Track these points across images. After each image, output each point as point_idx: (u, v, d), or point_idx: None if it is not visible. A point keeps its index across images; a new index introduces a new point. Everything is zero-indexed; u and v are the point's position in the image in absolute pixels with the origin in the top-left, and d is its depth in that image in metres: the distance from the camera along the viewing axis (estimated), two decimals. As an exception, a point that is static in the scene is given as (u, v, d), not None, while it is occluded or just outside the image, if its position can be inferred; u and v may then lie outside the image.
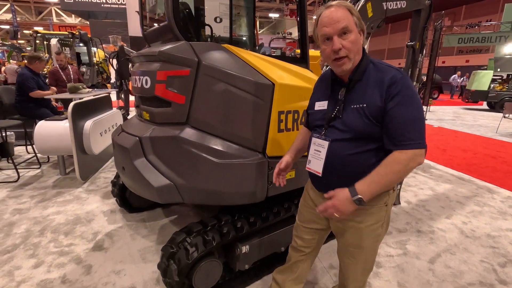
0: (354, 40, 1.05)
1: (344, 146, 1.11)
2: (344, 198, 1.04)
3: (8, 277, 1.88)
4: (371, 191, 1.03)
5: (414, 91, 1.04)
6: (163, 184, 1.66)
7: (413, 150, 1.01)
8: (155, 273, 1.94)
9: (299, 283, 1.51)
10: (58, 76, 4.90)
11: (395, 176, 1.03)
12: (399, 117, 1.01)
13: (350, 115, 1.09)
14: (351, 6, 1.06)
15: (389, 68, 1.08)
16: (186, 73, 1.63)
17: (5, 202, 2.90)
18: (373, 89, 1.06)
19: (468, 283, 1.94)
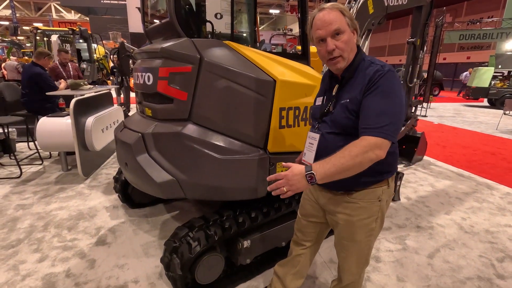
0: (346, 40, 1.09)
1: (332, 139, 1.16)
2: (298, 171, 1.01)
3: (13, 271, 1.91)
4: (325, 171, 0.99)
5: (396, 86, 1.04)
6: (165, 180, 1.67)
7: (374, 138, 0.98)
8: (158, 267, 1.97)
9: (300, 278, 1.53)
10: (58, 72, 4.92)
11: (352, 160, 0.98)
12: (370, 106, 1.03)
13: (338, 110, 1.14)
14: (343, 8, 1.09)
15: (377, 64, 1.09)
16: (188, 70, 1.65)
17: (8, 198, 2.93)
18: (359, 84, 1.09)
19: (466, 278, 1.96)
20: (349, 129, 1.10)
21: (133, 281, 1.85)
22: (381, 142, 0.99)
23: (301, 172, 1.01)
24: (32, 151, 4.36)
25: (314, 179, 0.99)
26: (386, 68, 1.07)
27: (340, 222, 1.23)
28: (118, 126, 2.16)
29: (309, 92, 1.90)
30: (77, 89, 3.89)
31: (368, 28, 3.17)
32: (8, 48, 16.32)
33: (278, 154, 1.83)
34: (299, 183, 1.01)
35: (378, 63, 1.11)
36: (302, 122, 1.91)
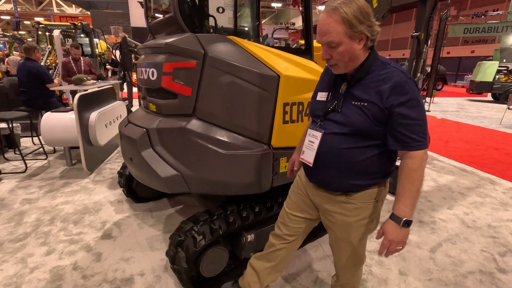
0: (342, 52, 1.03)
1: (337, 140, 1.11)
2: (394, 229, 1.05)
3: (21, 263, 1.95)
4: (411, 207, 1.04)
5: (419, 93, 1.05)
6: (170, 175, 1.69)
7: (422, 151, 1.04)
8: (163, 261, 2.00)
9: (277, 272, 1.49)
10: (69, 67, 4.95)
11: (419, 182, 1.05)
12: (407, 119, 1.01)
13: (350, 111, 1.08)
14: (346, 12, 0.97)
15: (395, 69, 1.06)
16: (192, 65, 1.65)
17: (14, 192, 2.97)
18: (376, 89, 1.04)
19: (468, 272, 1.98)
20: (362, 131, 1.07)
21: (139, 274, 1.88)
22: (426, 151, 1.05)
23: (396, 227, 1.05)
24: (36, 146, 4.40)
25: (409, 220, 1.04)
26: (409, 76, 1.05)
27: (337, 223, 1.23)
28: (122, 121, 2.17)
29: (313, 88, 1.89)
30: (80, 84, 3.90)
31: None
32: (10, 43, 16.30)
33: (281, 149, 1.84)
34: (403, 236, 1.06)
35: (394, 66, 1.07)
36: (306, 118, 1.92)
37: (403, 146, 1.04)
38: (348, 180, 1.13)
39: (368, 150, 1.10)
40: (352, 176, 1.13)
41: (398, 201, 1.06)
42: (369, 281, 1.88)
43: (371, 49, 1.09)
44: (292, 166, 1.51)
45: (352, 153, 1.10)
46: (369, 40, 1.05)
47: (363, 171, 1.12)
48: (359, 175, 1.13)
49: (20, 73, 4.11)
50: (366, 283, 1.85)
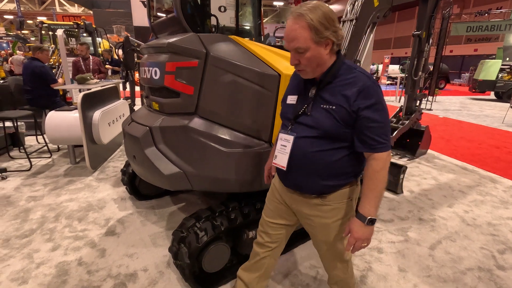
0: (310, 57, 1.05)
1: (308, 143, 1.13)
2: (359, 227, 1.10)
3: (28, 259, 2.00)
4: (375, 206, 1.10)
5: (382, 96, 1.08)
6: (173, 172, 1.73)
7: (385, 153, 1.09)
8: (166, 257, 2.04)
9: (266, 279, 1.51)
10: (78, 66, 5.01)
11: (383, 182, 1.10)
12: (372, 122, 1.05)
13: (320, 114, 1.11)
14: (312, 18, 0.99)
15: (361, 73, 1.09)
16: (194, 64, 1.68)
17: (20, 190, 3.02)
18: (344, 93, 1.06)
19: (466, 269, 2.00)
20: (331, 134, 1.10)
21: (143, 270, 1.92)
22: (389, 152, 1.10)
23: (361, 225, 1.10)
24: (40, 144, 4.45)
25: (373, 219, 1.09)
26: (373, 80, 1.08)
27: (316, 225, 1.25)
28: (125, 120, 2.20)
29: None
30: (84, 83, 3.94)
31: (373, 21, 3.15)
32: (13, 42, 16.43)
33: (282, 147, 1.86)
34: (367, 232, 1.11)
35: (362, 72, 1.10)
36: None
37: (368, 148, 1.08)
38: (321, 181, 1.16)
39: (338, 152, 1.13)
40: (324, 177, 1.16)
41: (363, 201, 1.11)
42: (369, 277, 1.90)
43: (338, 54, 1.12)
44: (268, 172, 1.51)
45: (322, 155, 1.13)
46: (335, 45, 1.08)
47: (334, 172, 1.15)
48: (331, 176, 1.16)
49: (25, 72, 4.16)
50: (365, 279, 1.88)
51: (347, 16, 3.05)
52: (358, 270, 1.96)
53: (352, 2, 3.07)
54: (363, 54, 3.01)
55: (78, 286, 1.77)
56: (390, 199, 3.00)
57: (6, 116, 3.50)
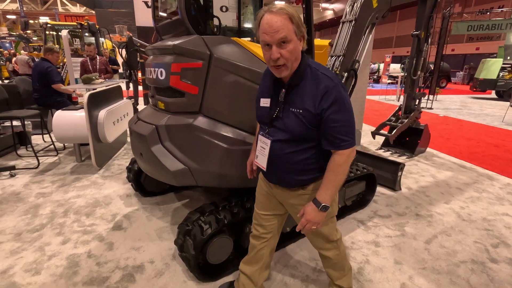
0: (292, 49, 1.09)
1: (283, 145, 1.24)
2: (312, 211, 1.21)
3: (40, 251, 2.09)
4: (330, 195, 1.21)
5: (345, 96, 1.15)
6: (178, 168, 1.81)
7: (349, 149, 1.17)
8: (171, 250, 2.12)
9: (266, 269, 1.62)
10: (86, 66, 5.13)
11: (343, 175, 1.20)
12: (335, 122, 1.13)
13: (289, 118, 1.19)
14: (292, 13, 1.07)
15: (324, 76, 1.15)
16: (199, 66, 1.76)
17: (28, 187, 3.11)
18: (309, 96, 1.14)
19: (460, 261, 2.08)
20: (300, 136, 1.20)
21: (149, 262, 2.01)
22: (353, 149, 1.20)
23: (315, 209, 1.21)
24: (46, 143, 4.55)
25: (326, 206, 1.21)
26: (336, 81, 1.14)
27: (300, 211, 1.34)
28: (132, 119, 2.29)
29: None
30: (89, 83, 4.03)
31: (372, 22, 3.22)
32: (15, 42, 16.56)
33: (283, 145, 1.94)
34: (319, 217, 1.22)
35: (325, 73, 1.16)
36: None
37: (333, 146, 1.17)
38: (296, 177, 1.29)
39: (308, 151, 1.24)
40: (299, 173, 1.28)
41: (321, 189, 1.22)
42: (366, 269, 1.98)
43: (302, 53, 1.17)
44: (251, 167, 1.58)
45: (295, 156, 1.24)
46: (304, 43, 1.14)
47: (307, 168, 1.27)
48: (305, 172, 1.28)
49: (34, 72, 4.28)
50: (362, 271, 1.96)
51: (346, 17, 3.12)
52: (355, 263, 2.04)
53: (351, 3, 3.14)
54: (362, 54, 3.07)
55: (89, 277, 1.85)
56: (388, 196, 3.07)
57: (14, 115, 3.60)
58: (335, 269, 1.59)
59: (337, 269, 1.58)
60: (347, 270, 1.61)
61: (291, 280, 1.87)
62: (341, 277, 1.61)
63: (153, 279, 1.85)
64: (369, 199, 2.86)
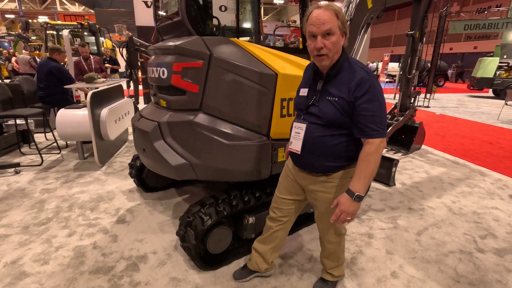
0: (335, 42, 1.22)
1: (317, 129, 1.34)
2: (347, 201, 1.26)
3: (47, 243, 2.18)
4: (363, 185, 1.25)
5: (379, 89, 1.25)
6: (180, 163, 1.90)
7: (379, 139, 1.24)
8: (173, 241, 2.22)
9: (278, 251, 1.78)
10: (81, 66, 5.20)
11: (374, 164, 1.25)
12: (366, 111, 1.23)
13: (325, 105, 1.30)
14: (338, 10, 1.21)
15: (361, 69, 1.27)
16: (199, 65, 1.85)
17: (33, 183, 3.20)
18: (345, 85, 1.26)
19: (449, 251, 2.18)
20: (334, 122, 1.30)
21: (152, 252, 2.10)
22: (383, 139, 1.26)
23: (349, 199, 1.26)
24: (49, 141, 4.63)
25: (361, 196, 1.25)
26: (371, 75, 1.25)
27: (320, 200, 1.46)
28: (135, 116, 2.38)
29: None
30: (92, 82, 4.11)
31: (367, 22, 3.31)
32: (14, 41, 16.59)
33: (279, 140, 2.04)
34: (353, 207, 1.26)
35: (362, 67, 1.27)
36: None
37: (364, 134, 1.25)
38: (325, 162, 1.37)
39: (340, 137, 1.32)
40: (328, 159, 1.36)
41: (354, 179, 1.27)
42: (359, 259, 2.08)
43: (343, 50, 1.30)
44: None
45: (327, 140, 1.33)
46: (346, 39, 1.27)
47: (337, 155, 1.35)
48: (334, 158, 1.36)
49: (40, 71, 4.32)
50: (356, 261, 2.06)
51: (342, 18, 3.21)
52: (349, 253, 2.13)
53: (346, 3, 3.23)
54: (358, 54, 3.17)
55: (95, 266, 1.95)
56: (382, 191, 3.17)
57: (18, 114, 3.68)
58: (331, 260, 1.71)
59: (332, 260, 1.71)
60: (341, 261, 1.75)
61: (288, 269, 1.96)
62: (333, 267, 1.74)
63: (156, 268, 1.94)
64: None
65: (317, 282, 1.80)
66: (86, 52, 5.21)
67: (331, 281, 1.77)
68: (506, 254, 2.17)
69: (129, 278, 1.85)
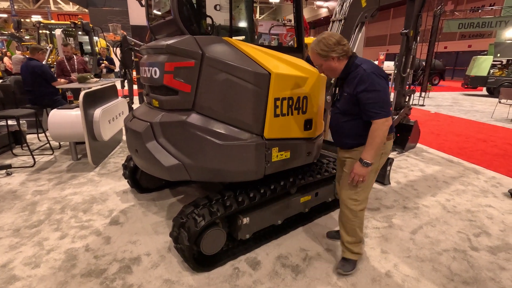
0: (325, 68, 1.77)
1: (338, 117, 1.85)
2: (358, 166, 1.70)
3: (38, 246, 2.15)
4: (371, 155, 1.67)
5: (376, 80, 1.61)
6: (172, 164, 1.88)
7: (381, 119, 1.61)
8: (167, 243, 2.20)
9: None
10: (63, 66, 5.11)
11: (379, 138, 1.63)
12: (368, 100, 1.62)
13: (342, 99, 1.80)
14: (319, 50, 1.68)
15: (361, 68, 1.65)
16: (191, 64, 1.83)
17: (25, 185, 3.16)
18: (351, 83, 1.69)
19: (443, 250, 2.19)
20: (348, 111, 1.76)
21: (145, 254, 2.08)
22: (386, 119, 1.62)
23: (359, 165, 1.70)
24: (42, 142, 4.58)
25: (368, 162, 1.66)
26: (369, 71, 1.62)
27: (347, 163, 1.88)
28: (127, 117, 2.35)
29: (301, 84, 2.08)
30: (84, 82, 4.06)
31: (361, 21, 3.31)
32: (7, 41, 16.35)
33: (273, 140, 2.02)
34: (363, 171, 1.69)
35: (363, 66, 1.65)
36: (296, 111, 2.09)
37: (368, 117, 1.66)
38: (347, 140, 1.85)
39: (355, 121, 1.76)
40: (349, 138, 1.83)
41: (364, 150, 1.69)
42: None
43: (350, 57, 1.72)
44: None
45: (345, 125, 1.81)
46: (341, 56, 1.69)
47: (354, 134, 1.79)
48: (353, 137, 1.80)
49: (24, 73, 4.23)
50: (350, 260, 2.05)
51: (336, 16, 3.21)
52: (344, 253, 2.13)
53: (340, 2, 3.23)
54: (352, 52, 3.16)
55: (87, 269, 1.92)
56: (377, 190, 3.18)
57: (9, 115, 3.62)
58: (347, 232, 1.93)
59: (351, 234, 1.92)
60: (358, 239, 1.94)
61: (282, 270, 1.95)
62: (351, 242, 1.94)
63: (149, 270, 1.92)
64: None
65: (339, 262, 2.01)
66: (69, 52, 5.12)
67: (352, 259, 1.96)
68: (500, 252, 2.18)
69: (121, 280, 1.83)
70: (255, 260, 2.04)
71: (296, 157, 2.18)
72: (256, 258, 2.07)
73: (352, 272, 1.92)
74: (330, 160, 2.69)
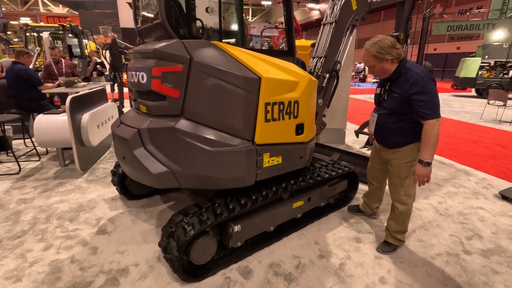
0: (377, 70, 1.93)
1: (386, 118, 1.99)
2: (420, 167, 1.81)
3: (21, 258, 2.06)
4: (429, 154, 1.78)
5: (428, 84, 1.76)
6: (161, 171, 1.83)
7: (432, 120, 1.75)
8: (156, 252, 2.13)
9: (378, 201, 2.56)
10: (50, 69, 4.98)
11: (434, 138, 1.76)
12: (419, 102, 1.77)
13: (390, 99, 1.95)
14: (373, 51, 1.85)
15: (413, 71, 1.80)
16: (179, 69, 1.78)
17: (9, 193, 3.05)
18: (402, 86, 1.84)
19: (436, 254, 2.17)
20: (395, 111, 1.92)
21: (134, 265, 2.01)
22: (437, 119, 1.76)
23: (421, 166, 1.80)
24: (28, 148, 4.45)
25: (428, 162, 1.77)
26: (422, 75, 1.77)
27: (393, 165, 2.05)
28: (114, 122, 2.28)
29: (292, 88, 2.05)
30: (72, 86, 3.97)
31: (352, 24, 3.31)
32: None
33: (264, 145, 1.98)
34: (426, 171, 1.80)
35: (414, 70, 1.80)
36: (287, 116, 2.06)
37: (420, 117, 1.79)
38: (394, 139, 1.99)
39: (403, 122, 1.92)
40: (397, 137, 1.97)
41: (421, 150, 1.83)
42: (346, 265, 2.05)
43: (400, 61, 1.87)
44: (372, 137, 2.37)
45: (393, 125, 1.96)
46: (394, 59, 1.84)
47: (401, 134, 1.95)
48: (400, 136, 1.96)
49: (9, 77, 4.11)
50: (343, 267, 2.02)
51: (327, 19, 3.19)
52: (337, 259, 2.10)
53: (331, 5, 3.22)
54: (344, 55, 3.16)
55: (72, 282, 1.85)
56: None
57: (-7, 120, 3.51)
58: (397, 223, 2.12)
59: (398, 223, 2.12)
60: (405, 228, 2.15)
61: (274, 278, 1.91)
62: (397, 231, 2.13)
63: (137, 282, 1.86)
64: (352, 197, 2.95)
65: (381, 244, 2.21)
66: (56, 55, 5.00)
67: (393, 244, 2.16)
68: (492, 255, 2.18)
69: (108, 293, 1.76)
70: (247, 268, 2.00)
71: (288, 162, 2.14)
72: (248, 266, 2.02)
73: (391, 253, 2.14)
74: (323, 164, 2.67)
